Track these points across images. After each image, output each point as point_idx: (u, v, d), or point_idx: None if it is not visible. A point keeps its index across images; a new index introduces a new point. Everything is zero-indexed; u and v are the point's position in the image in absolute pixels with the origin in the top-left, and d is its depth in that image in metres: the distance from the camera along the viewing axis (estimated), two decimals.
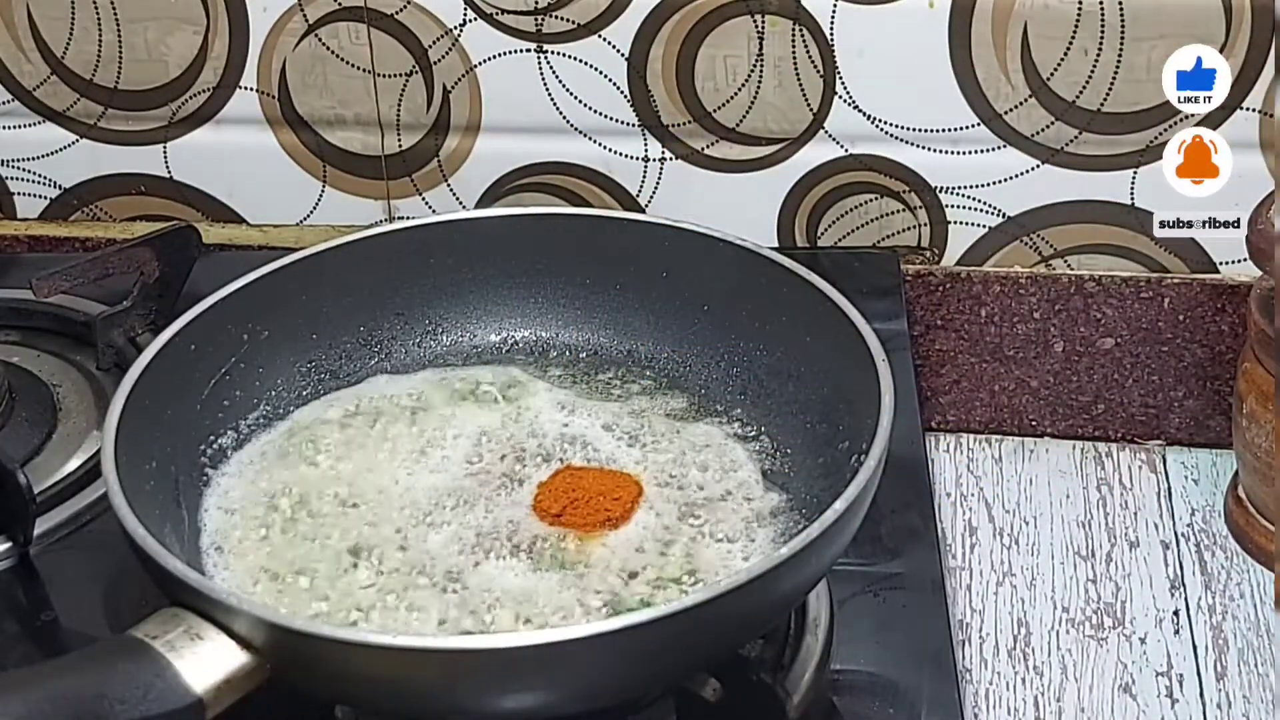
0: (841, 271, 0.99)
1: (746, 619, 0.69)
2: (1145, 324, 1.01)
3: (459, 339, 0.91)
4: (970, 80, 0.97)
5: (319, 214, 1.09)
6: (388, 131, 1.05)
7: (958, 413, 1.05)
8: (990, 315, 1.03)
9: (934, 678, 0.78)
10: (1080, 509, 0.98)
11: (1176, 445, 1.03)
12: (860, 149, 1.01)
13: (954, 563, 0.95)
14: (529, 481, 0.82)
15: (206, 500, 0.81)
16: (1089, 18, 0.94)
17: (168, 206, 1.10)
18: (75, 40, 1.06)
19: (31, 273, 0.97)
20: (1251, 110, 0.95)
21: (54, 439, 0.92)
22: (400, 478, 0.82)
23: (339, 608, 0.74)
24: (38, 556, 0.85)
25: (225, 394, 0.84)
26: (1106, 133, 0.97)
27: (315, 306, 0.88)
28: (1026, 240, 1.01)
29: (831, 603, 0.80)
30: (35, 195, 1.12)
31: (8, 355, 0.98)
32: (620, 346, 0.90)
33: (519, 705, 0.66)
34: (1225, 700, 0.85)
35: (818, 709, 0.76)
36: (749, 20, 0.98)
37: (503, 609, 0.74)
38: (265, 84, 1.05)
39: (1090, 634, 0.89)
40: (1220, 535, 0.96)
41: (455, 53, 1.02)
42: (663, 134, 1.02)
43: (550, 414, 0.86)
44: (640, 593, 0.75)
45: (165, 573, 0.68)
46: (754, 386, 0.86)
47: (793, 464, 0.83)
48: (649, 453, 0.83)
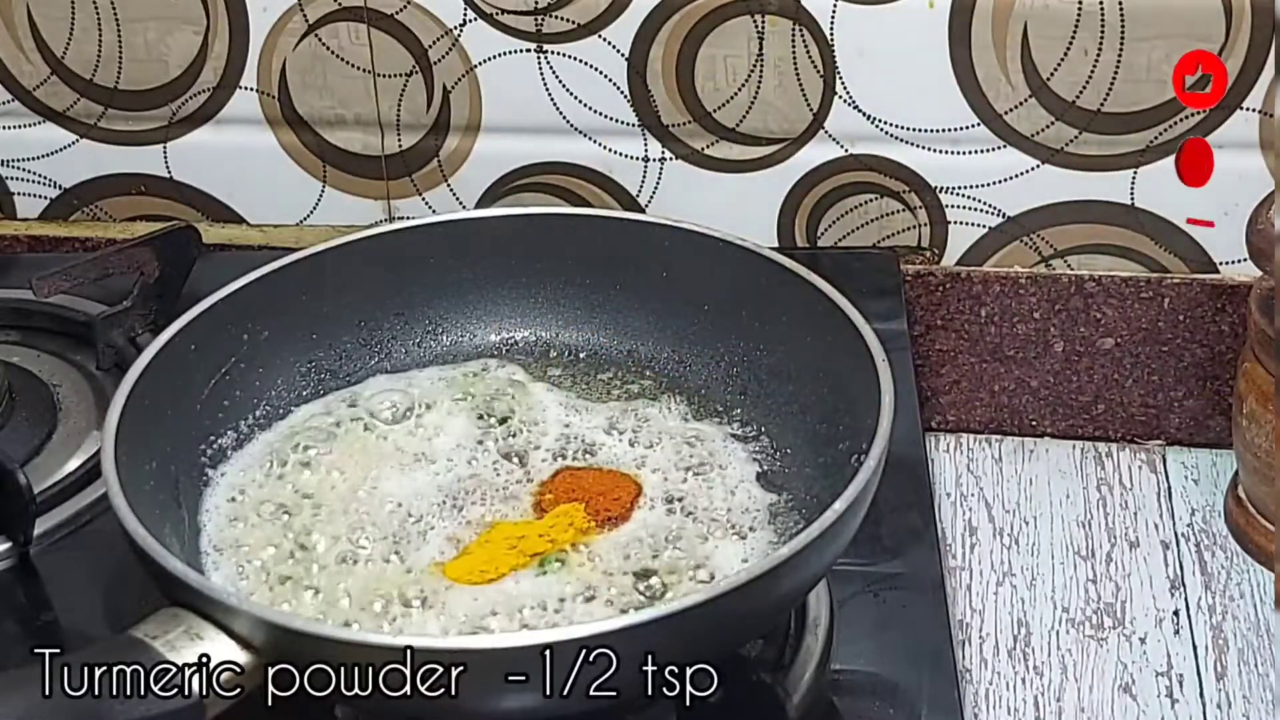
0: (841, 271, 0.98)
1: (746, 619, 0.69)
2: (1145, 324, 1.01)
3: (459, 339, 0.91)
4: (970, 80, 0.97)
5: (319, 214, 1.09)
6: (388, 131, 1.05)
7: (958, 413, 1.05)
8: (990, 315, 1.03)
9: (934, 678, 0.78)
10: (1080, 509, 0.98)
11: (1176, 445, 1.03)
12: (860, 149, 1.01)
13: (954, 563, 0.95)
14: (529, 482, 0.82)
15: (206, 500, 0.81)
16: (1089, 18, 0.94)
17: (168, 206, 1.10)
18: (75, 40, 1.06)
19: (31, 273, 0.97)
20: (1251, 110, 0.95)
21: (54, 439, 0.92)
22: (400, 478, 0.82)
23: (339, 608, 0.75)
24: (38, 556, 0.85)
25: (225, 394, 0.84)
26: (1106, 133, 0.97)
27: (315, 306, 0.88)
28: (1026, 240, 1.01)
29: (831, 603, 0.80)
30: (35, 195, 1.12)
31: (8, 355, 0.98)
32: (620, 346, 0.90)
33: (519, 705, 0.66)
34: (1225, 700, 0.85)
35: (818, 709, 0.76)
36: (749, 20, 0.98)
37: (502, 609, 0.74)
38: (265, 84, 1.05)
39: (1090, 634, 0.89)
40: (1220, 535, 0.96)
41: (455, 53, 1.02)
42: (663, 134, 1.02)
43: (550, 414, 0.86)
44: (640, 593, 0.75)
45: (165, 573, 0.68)
46: (754, 386, 0.86)
47: (793, 464, 0.83)
48: (649, 453, 0.83)
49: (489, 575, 0.75)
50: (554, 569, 0.76)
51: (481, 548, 0.77)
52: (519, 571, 0.76)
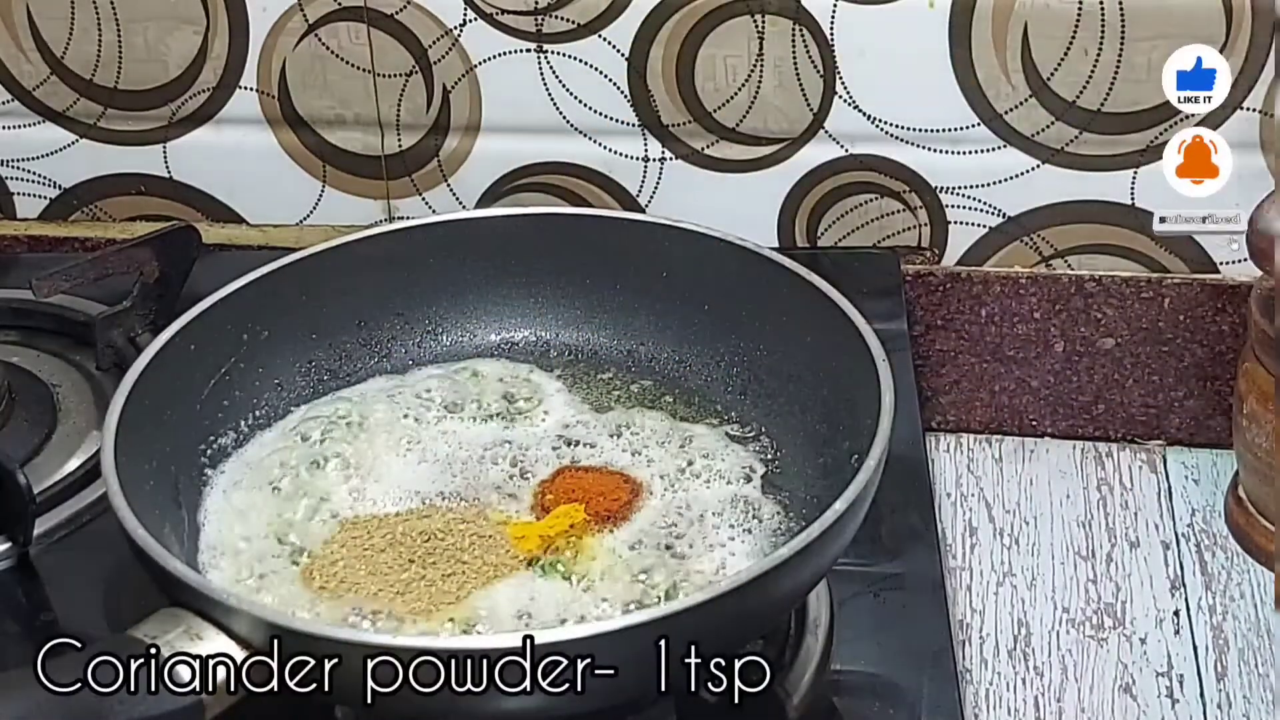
0: (841, 271, 0.98)
1: (746, 619, 0.69)
2: (1145, 324, 1.01)
3: (459, 339, 0.91)
4: (970, 80, 0.97)
5: (319, 214, 1.09)
6: (388, 131, 1.05)
7: (958, 413, 1.05)
8: (990, 315, 1.03)
9: (934, 678, 0.78)
10: (1080, 509, 0.98)
11: (1177, 445, 1.03)
12: (860, 149, 1.01)
13: (954, 563, 0.95)
14: (528, 482, 0.82)
15: (206, 500, 0.81)
16: (1089, 18, 0.94)
17: (168, 206, 1.10)
18: (75, 40, 1.06)
19: (31, 273, 0.97)
20: (1251, 110, 0.95)
21: (54, 439, 0.92)
22: (399, 478, 0.82)
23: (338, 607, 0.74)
24: (38, 556, 0.85)
25: (225, 394, 0.84)
26: (1106, 133, 0.97)
27: (315, 306, 0.88)
28: (1027, 240, 1.01)
29: (831, 603, 0.80)
30: (35, 195, 1.12)
31: (8, 355, 0.98)
32: (620, 346, 0.90)
33: (518, 705, 0.66)
34: (1225, 700, 0.85)
35: (818, 709, 0.76)
36: (749, 20, 0.98)
37: (502, 609, 0.74)
38: (265, 84, 1.05)
39: (1090, 634, 0.89)
40: (1220, 535, 0.96)
41: (455, 53, 1.02)
42: (663, 134, 1.02)
43: (550, 414, 0.86)
44: (640, 593, 0.75)
45: (165, 573, 0.68)
46: (754, 386, 0.86)
47: (793, 464, 0.83)
48: (649, 453, 0.83)
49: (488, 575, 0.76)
50: (553, 569, 0.76)
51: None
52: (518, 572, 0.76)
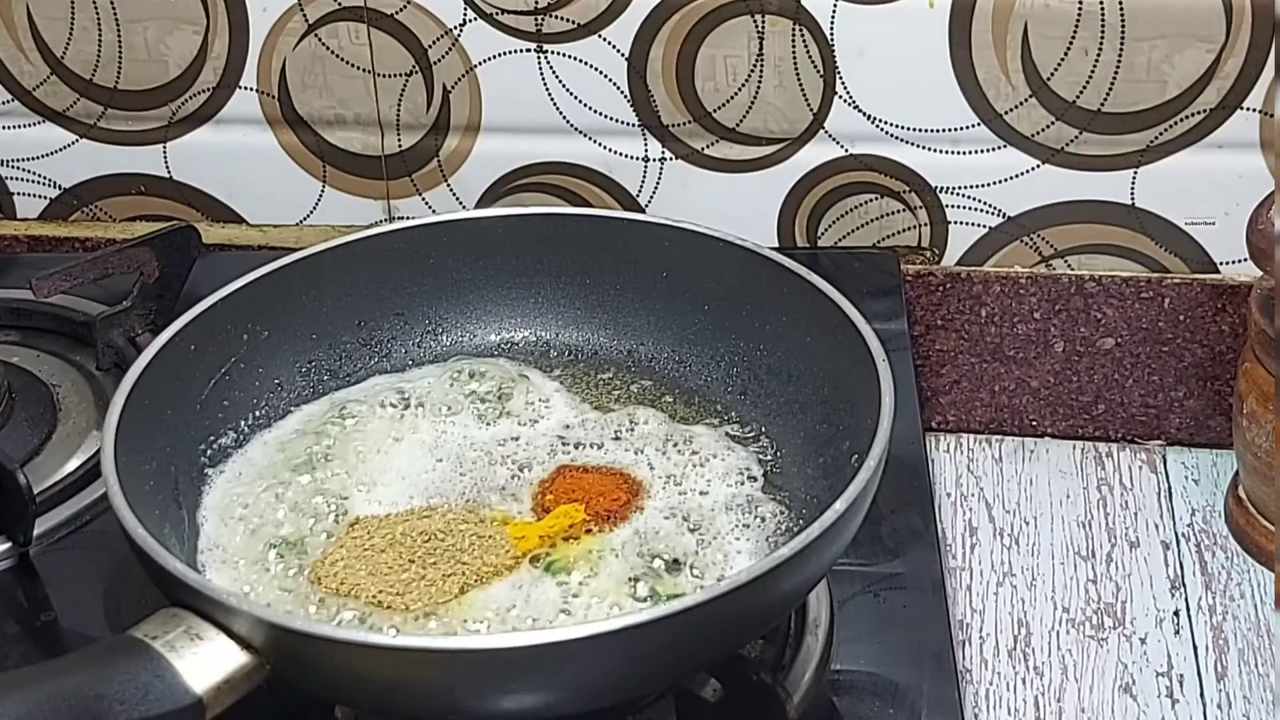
0: (841, 271, 0.99)
1: (746, 619, 0.69)
2: (1145, 324, 1.01)
3: (459, 339, 0.91)
4: (970, 80, 0.97)
5: (319, 214, 1.09)
6: (388, 131, 1.05)
7: (958, 413, 1.05)
8: (990, 315, 1.03)
9: (934, 678, 0.78)
10: (1080, 509, 0.98)
11: (1177, 445, 1.03)
12: (860, 149, 1.01)
13: (954, 563, 0.95)
14: (528, 482, 0.82)
15: (206, 500, 0.81)
16: (1089, 18, 0.94)
17: (168, 206, 1.10)
18: (75, 40, 1.06)
19: (31, 273, 0.97)
20: (1251, 110, 0.95)
21: (54, 439, 0.92)
22: (399, 478, 0.82)
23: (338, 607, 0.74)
24: (38, 556, 0.85)
25: (225, 394, 0.84)
26: (1106, 133, 0.97)
27: (315, 306, 0.88)
28: (1027, 240, 1.01)
29: (831, 603, 0.80)
30: (35, 195, 1.12)
31: (8, 355, 0.98)
32: (620, 346, 0.90)
33: (519, 705, 0.66)
34: (1225, 700, 0.85)
35: (818, 709, 0.76)
36: (749, 20, 0.98)
37: (501, 609, 0.74)
38: (265, 84, 1.05)
39: (1090, 634, 0.89)
40: (1220, 535, 0.96)
41: (455, 53, 1.02)
42: (663, 134, 1.02)
43: (550, 414, 0.86)
44: (639, 593, 0.75)
45: (165, 573, 0.68)
46: (754, 386, 0.86)
47: (793, 464, 0.83)
48: (648, 453, 0.83)
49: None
50: (553, 569, 0.76)
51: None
52: (518, 571, 0.76)
